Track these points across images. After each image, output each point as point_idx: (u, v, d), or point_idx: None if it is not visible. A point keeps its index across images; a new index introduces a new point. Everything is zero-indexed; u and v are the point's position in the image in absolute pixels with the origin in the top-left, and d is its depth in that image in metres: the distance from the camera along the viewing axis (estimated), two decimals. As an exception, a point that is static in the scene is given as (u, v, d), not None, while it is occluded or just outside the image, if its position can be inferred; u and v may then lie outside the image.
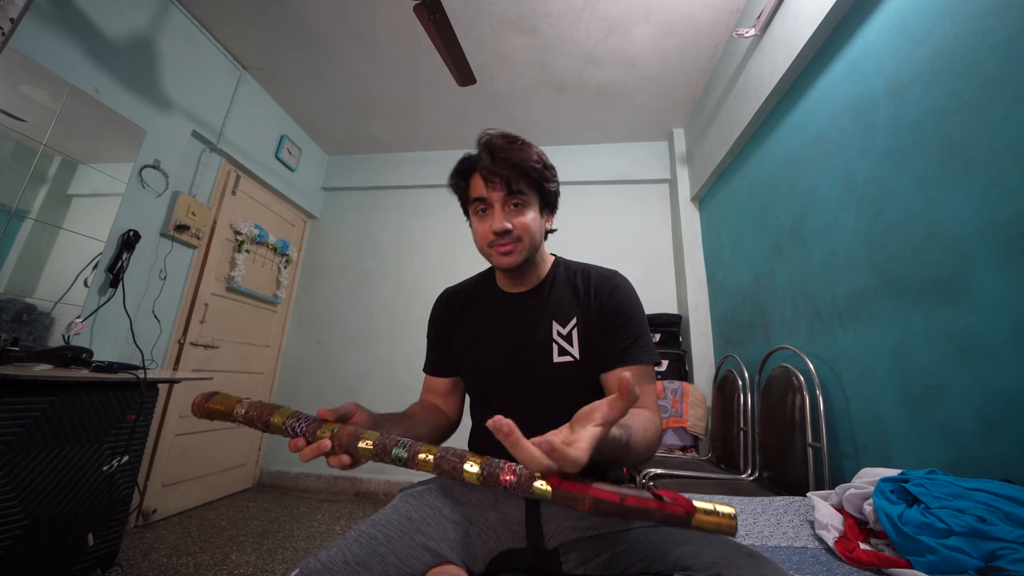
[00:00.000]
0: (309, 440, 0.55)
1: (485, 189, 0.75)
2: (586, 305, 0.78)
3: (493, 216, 0.74)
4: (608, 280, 0.80)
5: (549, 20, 2.18)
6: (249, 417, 0.57)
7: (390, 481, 2.86)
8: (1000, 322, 0.93)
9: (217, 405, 0.57)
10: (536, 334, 0.77)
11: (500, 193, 0.74)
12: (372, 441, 0.52)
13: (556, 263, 0.87)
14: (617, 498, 0.45)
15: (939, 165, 1.09)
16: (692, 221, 2.85)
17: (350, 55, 2.48)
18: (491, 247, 0.76)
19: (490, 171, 0.73)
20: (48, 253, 1.66)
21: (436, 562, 0.56)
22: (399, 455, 0.51)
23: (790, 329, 1.75)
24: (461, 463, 0.49)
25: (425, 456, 0.51)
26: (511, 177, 0.73)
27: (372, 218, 3.46)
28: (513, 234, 0.74)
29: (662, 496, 0.46)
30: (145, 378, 1.47)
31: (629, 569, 0.58)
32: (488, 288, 0.88)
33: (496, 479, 0.48)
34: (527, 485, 0.47)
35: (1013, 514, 0.71)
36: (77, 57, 1.72)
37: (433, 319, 0.90)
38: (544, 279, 0.84)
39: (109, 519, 1.44)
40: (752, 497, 1.22)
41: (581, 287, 0.81)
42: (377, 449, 0.52)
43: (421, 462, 0.50)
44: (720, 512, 0.44)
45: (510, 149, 0.74)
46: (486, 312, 0.85)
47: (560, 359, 0.75)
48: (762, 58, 1.92)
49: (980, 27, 1.01)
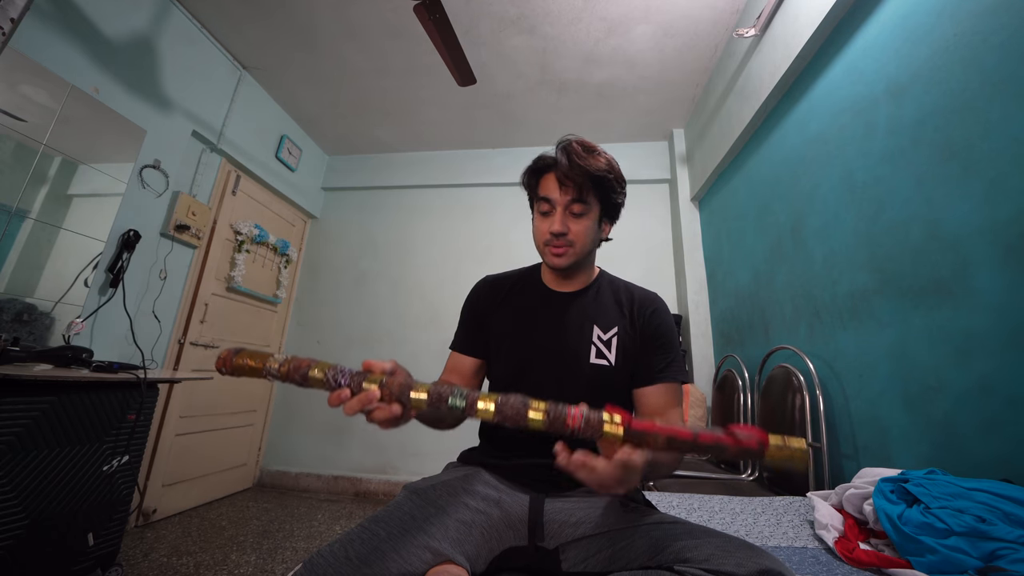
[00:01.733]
0: (355, 391, 0.52)
1: (554, 191, 0.79)
2: (629, 319, 0.83)
3: (554, 218, 0.79)
4: (651, 302, 0.86)
5: (549, 20, 2.18)
6: (284, 372, 0.53)
7: (390, 481, 2.86)
8: (1000, 322, 0.93)
9: (247, 360, 0.54)
10: (577, 332, 0.82)
11: (567, 197, 0.78)
12: (426, 391, 0.51)
13: (601, 274, 0.92)
14: (690, 435, 0.47)
15: (939, 165, 1.09)
16: (692, 221, 2.85)
17: (350, 55, 2.48)
18: (546, 246, 0.81)
19: (565, 175, 0.77)
20: (48, 253, 1.66)
21: (437, 560, 0.56)
22: (456, 404, 0.50)
23: (790, 329, 1.75)
24: (525, 410, 0.49)
25: (485, 405, 0.50)
26: (583, 184, 0.77)
27: (372, 218, 3.46)
28: (568, 238, 0.79)
29: (735, 432, 0.47)
30: (145, 378, 1.47)
31: (630, 564, 0.59)
32: (534, 281, 0.92)
33: (563, 423, 0.48)
34: (597, 427, 0.48)
35: (1013, 514, 0.71)
36: (77, 57, 1.72)
37: (472, 301, 0.93)
38: (590, 284, 0.89)
39: (109, 519, 1.44)
40: (752, 497, 1.22)
41: (625, 302, 0.86)
42: (432, 398, 0.51)
43: (481, 411, 0.50)
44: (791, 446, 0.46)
45: (587, 157, 0.77)
46: (531, 302, 0.88)
47: (596, 361, 0.79)
48: (762, 58, 1.92)
49: (980, 27, 1.01)
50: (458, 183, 3.36)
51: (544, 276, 0.91)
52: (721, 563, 0.51)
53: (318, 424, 3.05)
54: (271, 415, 3.09)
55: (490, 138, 3.23)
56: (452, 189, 3.40)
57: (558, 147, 0.80)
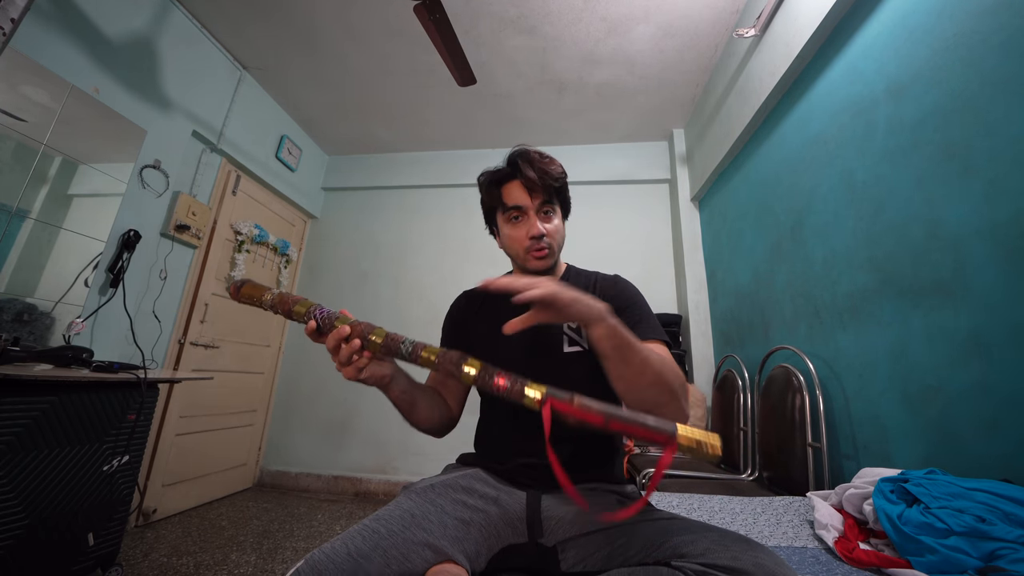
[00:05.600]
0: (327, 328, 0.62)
1: (524, 198, 0.83)
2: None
3: (530, 222, 0.83)
4: (611, 280, 0.91)
5: (549, 20, 2.18)
6: (274, 304, 0.65)
7: (390, 481, 2.86)
8: (1000, 322, 0.93)
9: (249, 290, 0.66)
10: (549, 326, 0.84)
11: (539, 201, 0.82)
12: (382, 337, 0.61)
13: (568, 268, 0.96)
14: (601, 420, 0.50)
15: (939, 165, 1.09)
16: (692, 221, 2.85)
17: (350, 55, 2.48)
18: (527, 252, 0.84)
19: (532, 181, 0.81)
20: (48, 253, 1.66)
21: (437, 559, 0.56)
22: (404, 350, 0.60)
23: (790, 329, 1.75)
24: (461, 363, 0.58)
25: (427, 355, 0.59)
26: (549, 187, 0.82)
27: (372, 218, 3.46)
28: (546, 239, 0.83)
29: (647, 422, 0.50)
30: (145, 378, 1.47)
31: (628, 561, 0.59)
32: None
33: (491, 382, 0.56)
34: (519, 391, 0.54)
35: (1013, 514, 0.71)
36: (78, 57, 1.72)
37: (452, 314, 0.97)
38: (559, 280, 0.91)
39: (109, 519, 1.44)
40: (752, 497, 1.22)
41: (590, 288, 0.89)
42: (386, 342, 0.60)
43: (423, 359, 0.59)
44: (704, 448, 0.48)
45: (547, 163, 0.83)
46: (505, 306, 0.89)
47: (570, 349, 0.82)
48: (762, 58, 1.92)
49: (980, 27, 1.01)
50: (458, 183, 3.36)
51: None
52: (717, 557, 0.51)
53: (318, 424, 3.05)
54: (271, 415, 3.09)
55: (490, 138, 3.23)
56: (452, 189, 3.40)
57: (516, 157, 0.84)
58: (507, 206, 0.84)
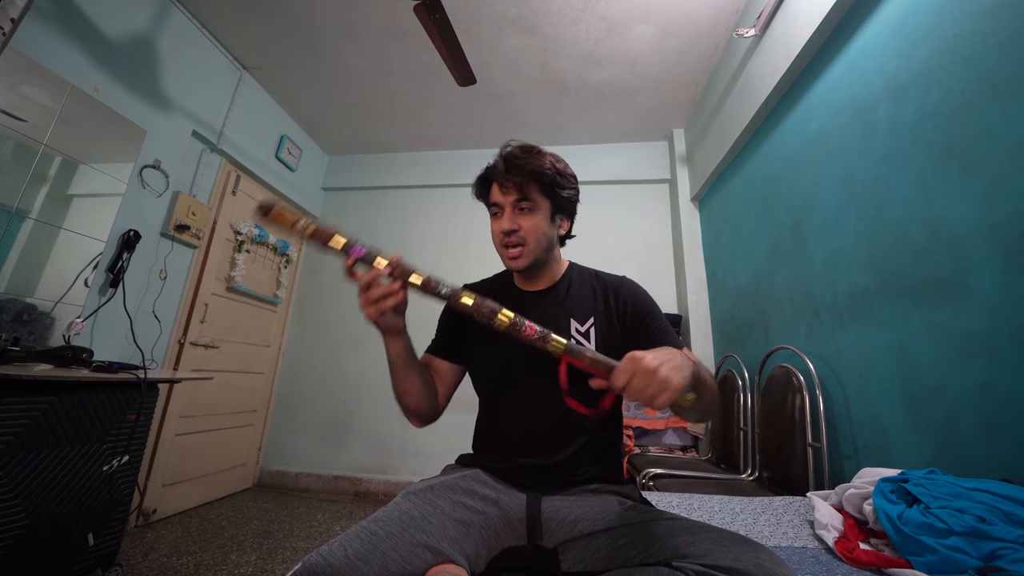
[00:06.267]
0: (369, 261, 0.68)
1: (498, 194, 0.83)
2: (603, 307, 0.86)
3: (503, 218, 0.82)
4: (618, 281, 0.90)
5: (549, 20, 2.18)
6: (310, 232, 0.68)
7: (390, 481, 2.86)
8: (1000, 322, 0.93)
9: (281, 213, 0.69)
10: (553, 328, 0.81)
11: (511, 197, 0.82)
12: (425, 276, 0.68)
13: (571, 267, 0.95)
14: (604, 373, 0.62)
15: (939, 165, 1.09)
16: (692, 221, 2.85)
17: (350, 55, 2.48)
18: (503, 247, 0.84)
19: (504, 178, 0.81)
20: (48, 253, 1.66)
21: (436, 560, 0.56)
22: (444, 292, 0.68)
23: (790, 329, 1.75)
24: (498, 311, 0.67)
25: (466, 300, 0.67)
26: (523, 184, 0.81)
27: (372, 218, 3.46)
28: (519, 235, 0.82)
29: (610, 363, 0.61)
30: (145, 378, 1.47)
31: (628, 562, 0.59)
32: (506, 285, 0.95)
33: (522, 330, 0.67)
34: (545, 339, 0.66)
35: (1013, 514, 0.71)
36: (77, 57, 1.72)
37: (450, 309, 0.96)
38: (560, 280, 0.91)
39: (109, 519, 1.44)
40: (752, 497, 1.22)
41: (598, 289, 0.89)
42: (424, 283, 0.68)
43: (462, 303, 0.67)
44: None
45: (525, 158, 0.82)
46: (505, 305, 0.87)
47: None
48: (762, 58, 1.92)
49: (980, 27, 1.01)
50: (458, 183, 3.36)
51: (516, 279, 0.94)
52: (718, 558, 0.51)
53: (318, 424, 3.05)
54: (271, 415, 3.09)
55: (490, 138, 3.23)
56: (452, 189, 3.40)
57: (498, 154, 0.85)
58: (489, 203, 0.86)
